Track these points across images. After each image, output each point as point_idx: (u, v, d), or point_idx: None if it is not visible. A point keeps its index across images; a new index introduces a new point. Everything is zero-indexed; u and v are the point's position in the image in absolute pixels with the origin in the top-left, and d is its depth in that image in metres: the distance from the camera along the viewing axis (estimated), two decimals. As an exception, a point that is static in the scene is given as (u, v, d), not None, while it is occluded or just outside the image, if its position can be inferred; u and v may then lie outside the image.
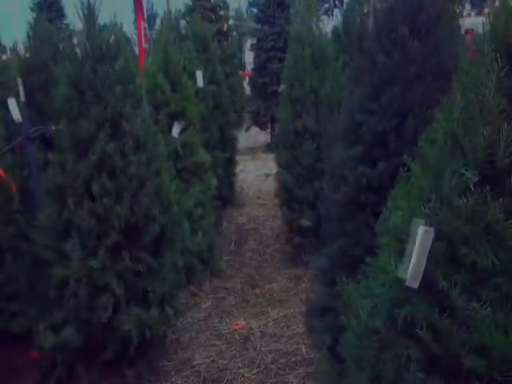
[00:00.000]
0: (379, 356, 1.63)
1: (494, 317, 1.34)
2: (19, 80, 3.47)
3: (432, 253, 1.44)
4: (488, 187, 1.34)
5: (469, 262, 1.38)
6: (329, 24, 7.85)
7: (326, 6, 27.03)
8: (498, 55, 1.38)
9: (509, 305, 1.33)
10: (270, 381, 3.28)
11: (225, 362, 3.53)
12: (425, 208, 1.46)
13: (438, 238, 1.44)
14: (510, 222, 1.32)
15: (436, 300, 1.46)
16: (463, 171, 1.37)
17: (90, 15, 3.03)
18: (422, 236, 1.43)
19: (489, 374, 1.34)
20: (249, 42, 15.94)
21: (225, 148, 6.69)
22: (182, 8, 11.43)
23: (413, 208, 1.53)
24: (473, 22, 11.01)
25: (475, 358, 1.35)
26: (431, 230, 1.43)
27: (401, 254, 1.54)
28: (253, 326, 3.99)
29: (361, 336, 1.74)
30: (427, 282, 1.46)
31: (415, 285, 1.47)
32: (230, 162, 6.99)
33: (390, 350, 1.58)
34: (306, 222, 4.89)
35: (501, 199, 1.34)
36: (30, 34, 4.54)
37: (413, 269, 1.46)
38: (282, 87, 5.64)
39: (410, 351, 1.50)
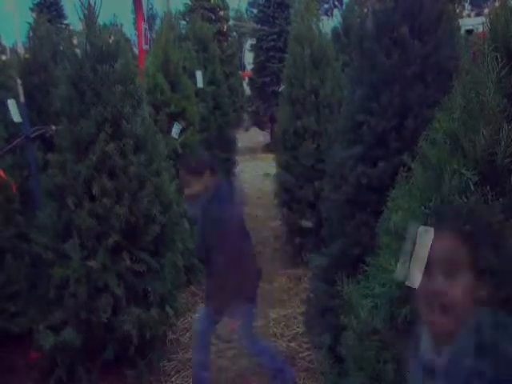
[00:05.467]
0: (379, 356, 1.62)
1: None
2: (18, 81, 3.47)
3: None
4: (488, 187, 1.34)
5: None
6: (328, 24, 7.86)
7: (326, 6, 27.06)
8: (498, 55, 1.37)
9: (509, 306, 1.33)
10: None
11: (225, 362, 3.52)
12: (425, 208, 1.45)
13: None
14: (510, 222, 1.31)
15: (436, 300, 1.45)
16: (463, 171, 1.37)
17: (89, 15, 3.03)
18: (421, 236, 1.42)
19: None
20: (248, 42, 15.95)
21: (224, 148, 6.70)
22: (182, 8, 11.46)
23: (413, 208, 1.52)
24: (472, 22, 11.03)
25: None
26: (431, 230, 1.42)
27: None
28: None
29: (361, 336, 1.74)
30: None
31: (415, 285, 1.46)
32: (230, 162, 7.00)
33: (390, 350, 1.57)
34: (306, 223, 4.88)
35: (501, 199, 1.33)
36: (30, 34, 4.56)
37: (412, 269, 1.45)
38: (282, 87, 5.63)
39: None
